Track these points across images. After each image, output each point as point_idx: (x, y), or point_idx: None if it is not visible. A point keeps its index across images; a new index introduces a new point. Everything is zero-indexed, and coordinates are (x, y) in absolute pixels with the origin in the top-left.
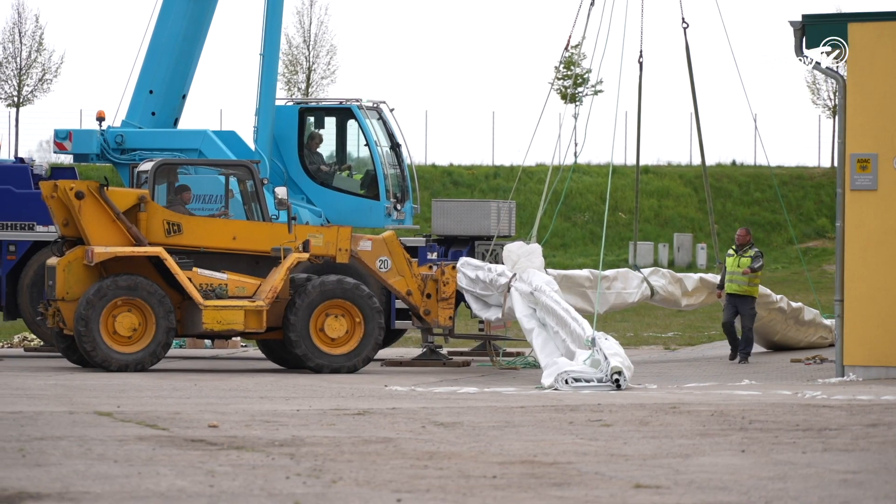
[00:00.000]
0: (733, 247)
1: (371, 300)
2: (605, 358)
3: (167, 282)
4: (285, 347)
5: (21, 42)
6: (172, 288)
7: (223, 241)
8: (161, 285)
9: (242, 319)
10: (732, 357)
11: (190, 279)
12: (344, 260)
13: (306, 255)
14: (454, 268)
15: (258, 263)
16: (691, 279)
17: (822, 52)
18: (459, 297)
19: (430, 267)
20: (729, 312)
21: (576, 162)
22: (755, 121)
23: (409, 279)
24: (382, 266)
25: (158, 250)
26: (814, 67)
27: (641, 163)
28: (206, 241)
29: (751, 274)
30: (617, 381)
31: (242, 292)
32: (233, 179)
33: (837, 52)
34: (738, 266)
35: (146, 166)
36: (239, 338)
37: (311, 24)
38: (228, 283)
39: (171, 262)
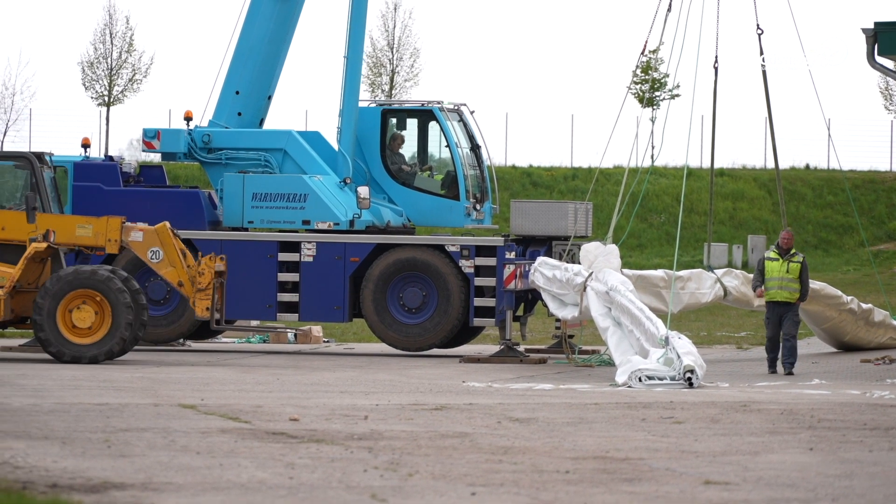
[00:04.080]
0: (775, 250)
1: (120, 292)
2: (679, 356)
3: None
4: None
5: (112, 43)
6: None
7: None
8: None
9: None
10: (772, 370)
11: None
12: (113, 250)
13: (44, 245)
14: (211, 258)
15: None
16: None
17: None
18: (537, 296)
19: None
20: (774, 325)
21: (653, 164)
22: (828, 126)
23: (181, 270)
24: (154, 257)
25: None
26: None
27: (716, 165)
28: None
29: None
30: (689, 379)
31: (2, 282)
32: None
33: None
34: (788, 272)
35: None
36: (321, 334)
37: (395, 27)
38: None
39: None
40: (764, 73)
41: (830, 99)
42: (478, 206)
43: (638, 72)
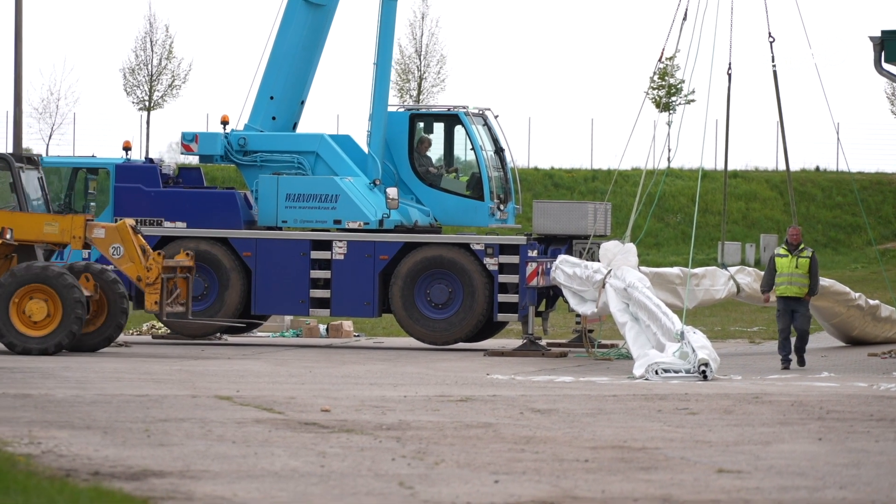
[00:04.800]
0: (784, 246)
1: (71, 288)
2: (693, 350)
3: None
4: None
5: (152, 50)
6: None
7: None
8: None
9: None
10: (786, 366)
11: None
12: (78, 247)
13: None
14: (159, 254)
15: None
16: None
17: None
18: (558, 292)
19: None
20: (786, 319)
21: (669, 166)
22: (837, 129)
23: (139, 266)
24: (115, 253)
25: None
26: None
27: (730, 167)
28: None
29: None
30: (704, 372)
31: None
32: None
33: None
34: (797, 267)
35: None
36: (352, 328)
37: (422, 35)
38: None
39: None
40: (775, 78)
41: (839, 103)
42: (501, 207)
43: (655, 78)
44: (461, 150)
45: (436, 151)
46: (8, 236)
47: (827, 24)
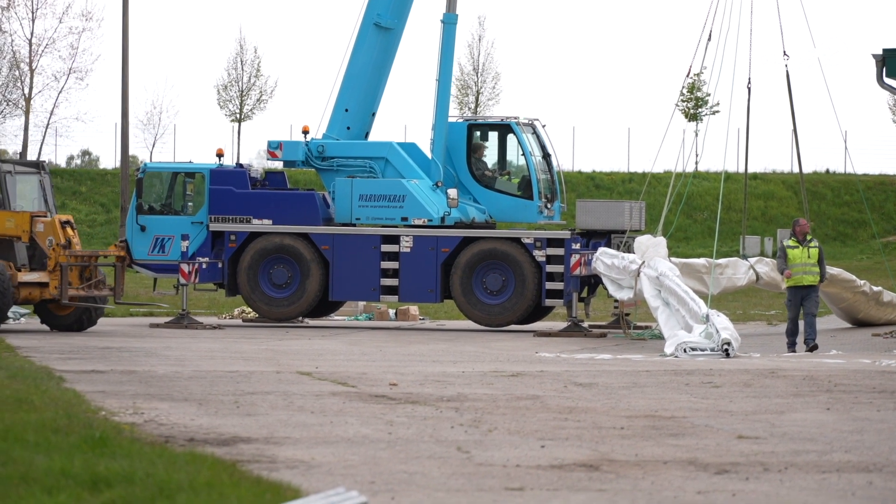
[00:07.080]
0: (792, 238)
1: None
2: (717, 331)
3: None
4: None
5: (242, 69)
6: None
7: None
8: None
9: None
10: (792, 349)
11: None
12: (25, 239)
13: None
14: (58, 244)
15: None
16: None
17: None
18: (598, 280)
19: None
20: (796, 307)
21: (696, 169)
22: (845, 136)
23: (61, 256)
24: (50, 244)
25: None
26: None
27: (750, 170)
28: None
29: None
30: (727, 350)
31: None
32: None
33: None
34: (809, 257)
35: None
36: (417, 312)
37: (479, 55)
38: None
39: None
40: (790, 91)
41: (847, 113)
42: (549, 205)
43: (684, 91)
44: (513, 155)
45: (491, 157)
46: None
47: (836, 42)
